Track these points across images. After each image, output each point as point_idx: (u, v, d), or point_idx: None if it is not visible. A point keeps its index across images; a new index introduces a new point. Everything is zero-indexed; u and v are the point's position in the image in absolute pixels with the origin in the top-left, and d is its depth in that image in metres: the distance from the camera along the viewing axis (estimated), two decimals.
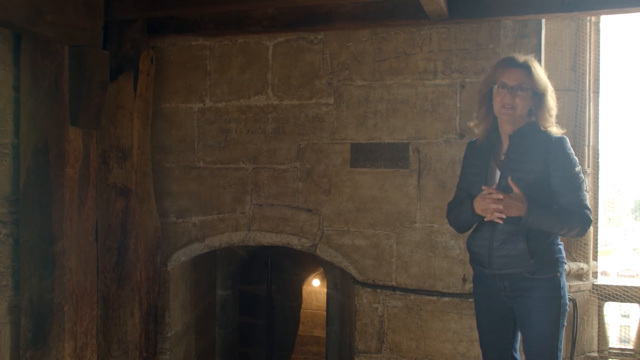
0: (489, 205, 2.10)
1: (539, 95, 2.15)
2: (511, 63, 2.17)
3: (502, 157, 2.22)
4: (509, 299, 2.20)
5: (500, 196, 2.08)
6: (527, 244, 2.10)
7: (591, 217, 2.13)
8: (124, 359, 3.01)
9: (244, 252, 4.42)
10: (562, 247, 2.21)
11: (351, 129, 3.07)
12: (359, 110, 3.06)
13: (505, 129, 2.20)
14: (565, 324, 2.18)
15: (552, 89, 2.19)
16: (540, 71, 2.18)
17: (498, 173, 2.21)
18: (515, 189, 2.08)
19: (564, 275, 2.19)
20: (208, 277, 4.15)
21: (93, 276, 2.79)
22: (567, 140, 2.15)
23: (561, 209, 2.10)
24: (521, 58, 2.18)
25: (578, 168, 2.12)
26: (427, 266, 2.99)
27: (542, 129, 2.15)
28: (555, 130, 2.16)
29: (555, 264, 2.15)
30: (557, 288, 2.13)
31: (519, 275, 2.14)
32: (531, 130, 2.16)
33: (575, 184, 2.11)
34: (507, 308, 2.23)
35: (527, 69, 2.14)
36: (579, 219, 2.09)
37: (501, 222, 2.11)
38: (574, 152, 2.16)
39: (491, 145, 2.26)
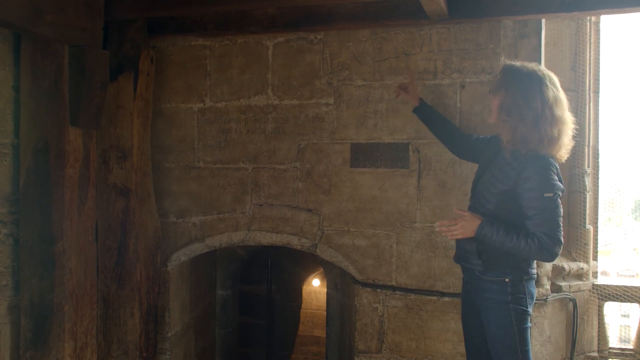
0: (443, 231, 2.25)
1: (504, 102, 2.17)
2: None
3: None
4: (473, 292, 2.28)
5: (452, 222, 2.20)
6: (478, 242, 2.18)
7: (555, 249, 2.00)
8: (124, 359, 3.02)
9: (244, 252, 4.42)
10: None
11: (351, 129, 3.07)
12: (359, 110, 3.06)
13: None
14: (529, 326, 2.16)
15: (532, 112, 2.09)
16: (509, 77, 2.18)
17: None
18: (465, 214, 2.17)
19: (522, 284, 2.14)
20: (208, 277, 4.15)
21: (93, 276, 2.79)
22: (549, 162, 2.06)
23: (519, 230, 2.04)
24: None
25: (551, 194, 2.01)
26: (427, 266, 2.99)
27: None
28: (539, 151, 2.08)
29: (505, 268, 2.14)
30: (505, 293, 2.12)
31: (472, 272, 2.23)
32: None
33: (541, 209, 2.01)
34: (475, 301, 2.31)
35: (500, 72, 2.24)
36: (533, 246, 2.00)
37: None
38: (557, 178, 2.05)
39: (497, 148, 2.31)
